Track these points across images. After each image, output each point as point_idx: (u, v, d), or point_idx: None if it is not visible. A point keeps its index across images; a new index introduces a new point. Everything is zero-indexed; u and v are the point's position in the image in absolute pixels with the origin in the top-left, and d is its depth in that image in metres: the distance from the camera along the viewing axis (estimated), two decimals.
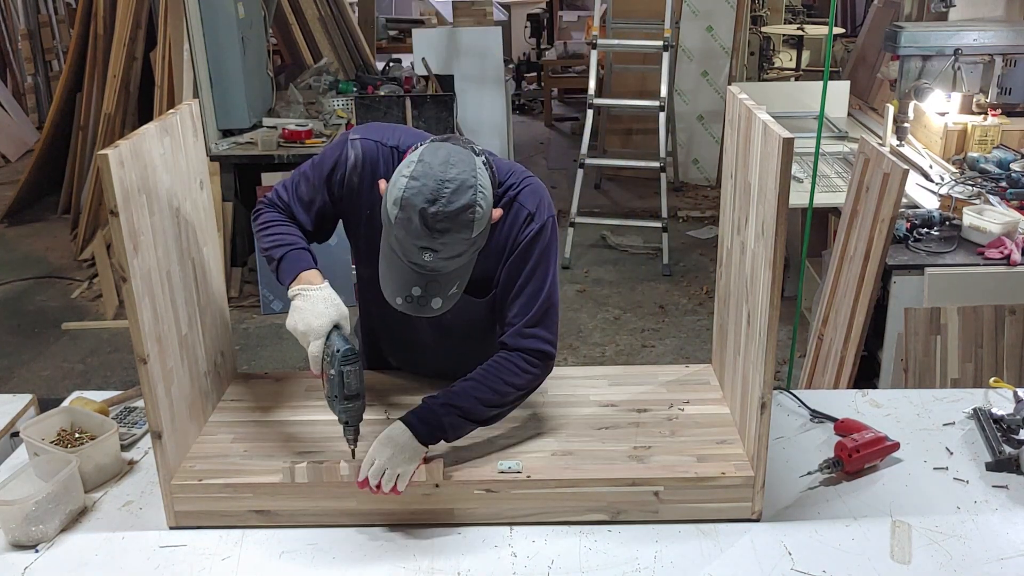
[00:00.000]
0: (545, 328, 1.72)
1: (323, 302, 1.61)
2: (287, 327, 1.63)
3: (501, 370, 1.68)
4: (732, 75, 6.54)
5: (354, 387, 1.59)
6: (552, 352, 1.74)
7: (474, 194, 1.50)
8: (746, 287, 1.67)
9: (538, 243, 1.70)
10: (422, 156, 1.52)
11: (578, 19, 10.29)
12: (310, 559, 1.57)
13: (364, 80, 5.73)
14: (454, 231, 1.49)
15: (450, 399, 1.65)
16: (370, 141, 1.74)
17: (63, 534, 1.63)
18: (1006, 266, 2.89)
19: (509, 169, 1.75)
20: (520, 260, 1.70)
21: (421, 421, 1.62)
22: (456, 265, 1.54)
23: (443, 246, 1.49)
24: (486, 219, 1.54)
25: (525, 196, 1.72)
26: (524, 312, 1.71)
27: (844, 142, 4.32)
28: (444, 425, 1.63)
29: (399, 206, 1.48)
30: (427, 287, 1.53)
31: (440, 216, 1.47)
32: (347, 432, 1.63)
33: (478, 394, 1.66)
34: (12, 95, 8.27)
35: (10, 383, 4.16)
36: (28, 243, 5.94)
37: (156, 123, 1.62)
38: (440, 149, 1.53)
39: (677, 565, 1.54)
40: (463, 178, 1.50)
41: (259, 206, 1.81)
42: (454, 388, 1.67)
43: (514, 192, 1.72)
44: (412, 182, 1.48)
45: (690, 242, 5.76)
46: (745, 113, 1.66)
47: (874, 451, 1.77)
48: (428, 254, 1.49)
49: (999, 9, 4.06)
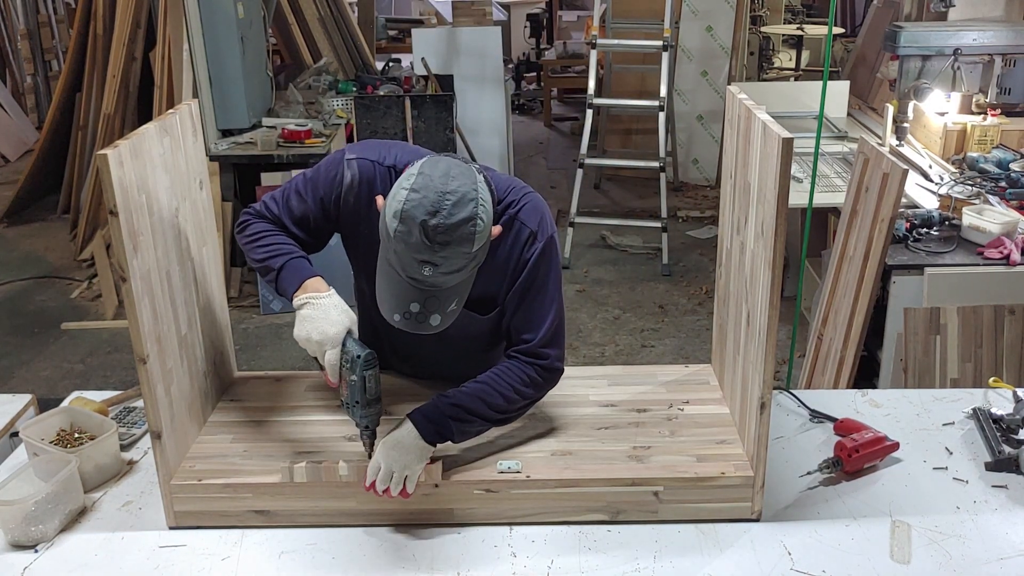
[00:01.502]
0: (556, 347, 1.74)
1: (335, 309, 1.60)
2: (297, 337, 1.59)
3: (512, 377, 1.68)
4: (732, 75, 6.54)
5: (375, 391, 1.58)
6: (561, 368, 1.76)
7: (475, 207, 1.47)
8: (746, 287, 1.67)
9: (543, 263, 1.69)
10: (422, 169, 1.49)
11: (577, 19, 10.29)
12: (310, 559, 1.57)
13: (364, 80, 5.74)
14: (455, 244, 1.46)
15: (459, 400, 1.64)
16: (366, 160, 1.71)
17: (63, 534, 1.63)
18: (1005, 266, 2.90)
19: (508, 185, 1.73)
20: (527, 282, 1.69)
21: (428, 420, 1.61)
22: (456, 280, 1.51)
23: (443, 260, 1.46)
24: (487, 233, 1.51)
25: (526, 214, 1.70)
26: (534, 332, 1.71)
27: (844, 142, 4.32)
28: (451, 425, 1.62)
29: (399, 219, 1.45)
30: (426, 303, 1.51)
31: (441, 228, 1.44)
32: (364, 435, 1.62)
33: (487, 398, 1.65)
34: (11, 95, 8.27)
35: (10, 383, 4.16)
36: (28, 243, 5.94)
37: (155, 123, 1.62)
38: (440, 162, 1.52)
39: (677, 565, 1.54)
40: (464, 191, 1.48)
41: (244, 217, 1.76)
42: (464, 388, 1.66)
43: (514, 210, 1.70)
44: (413, 194, 1.45)
45: (690, 242, 5.76)
46: (745, 113, 1.66)
47: (874, 451, 1.77)
48: (428, 268, 1.46)
49: (999, 9, 4.06)
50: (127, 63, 5.30)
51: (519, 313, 1.72)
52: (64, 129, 6.04)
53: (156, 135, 1.61)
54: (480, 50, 6.50)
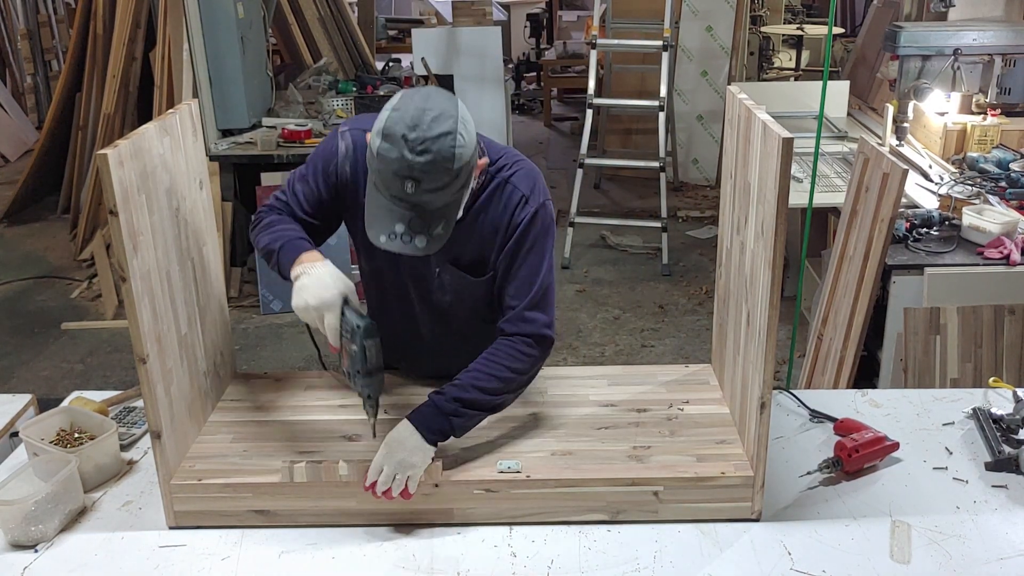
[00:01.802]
0: (543, 311, 1.74)
1: (328, 276, 1.62)
2: (295, 308, 1.62)
3: (502, 356, 1.70)
4: (732, 75, 6.54)
5: (376, 361, 1.60)
6: (551, 336, 1.75)
7: (455, 123, 1.51)
8: (746, 287, 1.67)
9: (533, 227, 1.71)
10: (404, 94, 1.56)
11: (577, 19, 10.29)
12: (310, 559, 1.57)
13: (364, 80, 5.73)
14: (436, 159, 1.49)
15: (454, 394, 1.65)
16: (359, 130, 1.75)
17: (62, 534, 1.63)
18: (1005, 266, 2.90)
19: (501, 151, 1.76)
20: (516, 245, 1.72)
21: (427, 419, 1.62)
22: (439, 202, 1.54)
23: (424, 175, 1.49)
24: (468, 154, 1.54)
25: (519, 179, 1.73)
26: (521, 296, 1.72)
27: (844, 142, 4.32)
28: (452, 422, 1.64)
29: (381, 136, 1.50)
30: (410, 224, 1.53)
31: (420, 140, 1.48)
32: (367, 405, 1.64)
33: (481, 384, 1.67)
34: (11, 95, 8.27)
35: (10, 383, 4.16)
36: (28, 243, 5.93)
37: (155, 123, 1.62)
38: (422, 89, 1.58)
39: (677, 565, 1.55)
40: (444, 108, 1.52)
41: (259, 213, 1.82)
42: (457, 381, 1.67)
43: (508, 173, 1.73)
44: (394, 113, 1.51)
45: (690, 242, 5.76)
46: (745, 113, 1.66)
47: (874, 451, 1.77)
48: (410, 184, 1.49)
49: (999, 9, 4.06)
50: (127, 63, 5.30)
51: (507, 276, 1.74)
52: (64, 129, 6.04)
53: (156, 135, 1.61)
54: (480, 50, 6.50)
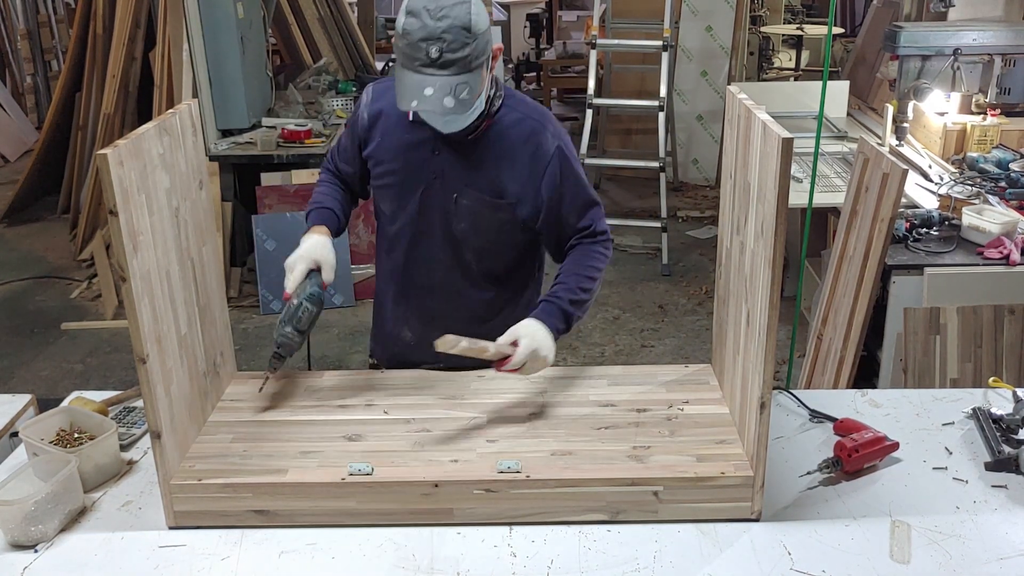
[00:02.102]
0: (603, 220, 2.03)
1: (317, 244, 1.91)
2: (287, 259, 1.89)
3: (587, 257, 1.97)
4: (731, 75, 6.55)
5: (304, 323, 1.84)
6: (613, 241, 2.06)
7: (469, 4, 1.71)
8: (745, 287, 1.67)
9: (568, 156, 1.94)
10: None
11: (577, 19, 10.28)
12: (309, 559, 1.57)
13: (363, 80, 5.73)
14: (454, 24, 1.68)
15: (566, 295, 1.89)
16: (381, 83, 2.00)
17: (62, 534, 1.63)
18: (1005, 266, 2.90)
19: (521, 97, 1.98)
20: (559, 179, 1.92)
21: (551, 317, 1.85)
22: (461, 66, 1.70)
23: (446, 35, 1.67)
24: (483, 25, 1.73)
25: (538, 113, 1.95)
26: (590, 217, 1.99)
27: (843, 142, 4.32)
28: (573, 313, 1.89)
29: (405, 14, 1.70)
30: (437, 87, 1.70)
31: (439, 9, 1.68)
32: (273, 358, 1.85)
33: (581, 284, 1.92)
34: (11, 95, 8.27)
35: (9, 383, 4.16)
36: (27, 243, 5.94)
37: (155, 123, 1.62)
38: None
39: (677, 565, 1.55)
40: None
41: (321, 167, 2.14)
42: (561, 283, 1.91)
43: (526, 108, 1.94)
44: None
45: (689, 242, 5.76)
46: (744, 113, 1.66)
47: (873, 451, 1.77)
48: (435, 48, 1.68)
49: (998, 9, 4.07)
50: (127, 63, 5.30)
51: (564, 205, 1.94)
52: (64, 129, 6.04)
53: (156, 135, 1.61)
54: None
